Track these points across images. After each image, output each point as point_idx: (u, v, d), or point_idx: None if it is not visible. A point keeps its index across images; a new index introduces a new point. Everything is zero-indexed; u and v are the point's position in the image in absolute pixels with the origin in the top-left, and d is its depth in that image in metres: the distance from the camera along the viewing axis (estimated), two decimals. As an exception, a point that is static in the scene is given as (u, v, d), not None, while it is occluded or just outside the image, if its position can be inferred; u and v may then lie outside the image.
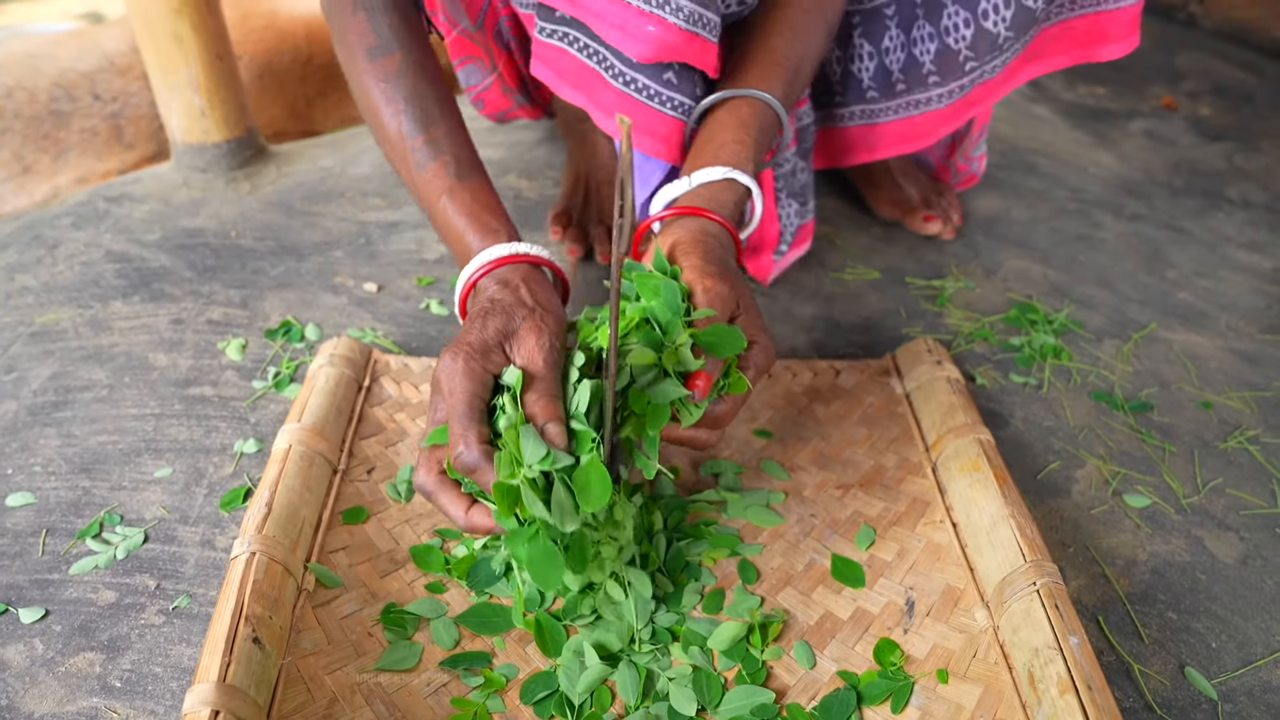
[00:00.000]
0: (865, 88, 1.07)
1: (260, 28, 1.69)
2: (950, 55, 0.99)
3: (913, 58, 1.01)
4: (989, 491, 0.77)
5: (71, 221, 1.25)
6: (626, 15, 0.79)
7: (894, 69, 1.03)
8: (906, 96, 1.04)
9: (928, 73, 1.01)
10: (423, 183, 0.80)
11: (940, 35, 0.98)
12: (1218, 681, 0.72)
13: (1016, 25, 0.94)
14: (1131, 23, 0.95)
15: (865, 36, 1.04)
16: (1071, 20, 0.98)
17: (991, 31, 0.95)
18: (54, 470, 0.86)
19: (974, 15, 0.95)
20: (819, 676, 0.69)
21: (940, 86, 1.01)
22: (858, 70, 1.06)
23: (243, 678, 0.61)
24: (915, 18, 0.99)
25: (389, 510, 0.81)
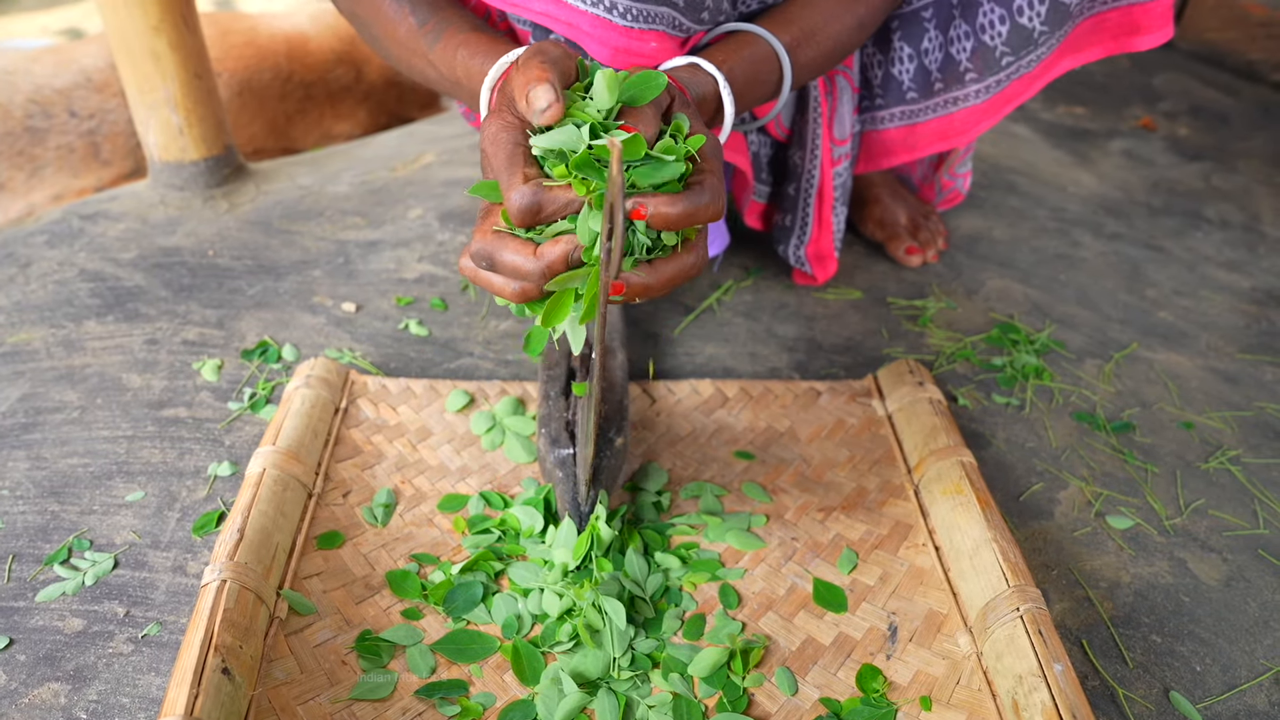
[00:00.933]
0: (905, 89, 1.08)
1: (240, 45, 1.68)
2: (987, 52, 1.00)
3: (950, 57, 1.03)
4: (971, 515, 0.77)
5: (45, 239, 1.23)
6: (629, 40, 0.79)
7: (932, 69, 1.05)
8: (945, 95, 1.06)
9: (964, 70, 1.03)
10: (440, 56, 0.78)
11: (976, 33, 0.99)
12: (1202, 706, 0.71)
13: (1051, 20, 0.95)
14: (1164, 14, 0.97)
15: (905, 39, 1.05)
16: (1105, 13, 0.99)
17: (1027, 27, 0.96)
18: (21, 494, 0.85)
19: (1009, 11, 0.96)
20: (801, 704, 0.68)
21: (978, 83, 1.03)
22: (898, 73, 1.08)
23: (211, 710, 0.59)
24: (952, 17, 1.01)
25: (365, 535, 0.80)
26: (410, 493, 0.85)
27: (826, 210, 1.12)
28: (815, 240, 1.14)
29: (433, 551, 0.79)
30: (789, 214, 1.14)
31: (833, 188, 1.10)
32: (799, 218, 1.13)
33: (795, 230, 1.14)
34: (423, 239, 1.26)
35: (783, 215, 1.15)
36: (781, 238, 1.16)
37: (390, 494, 0.84)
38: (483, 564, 0.77)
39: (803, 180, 1.10)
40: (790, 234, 1.15)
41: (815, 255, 1.15)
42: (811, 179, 1.10)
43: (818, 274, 1.16)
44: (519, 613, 0.73)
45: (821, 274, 1.16)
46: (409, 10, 0.80)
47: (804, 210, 1.12)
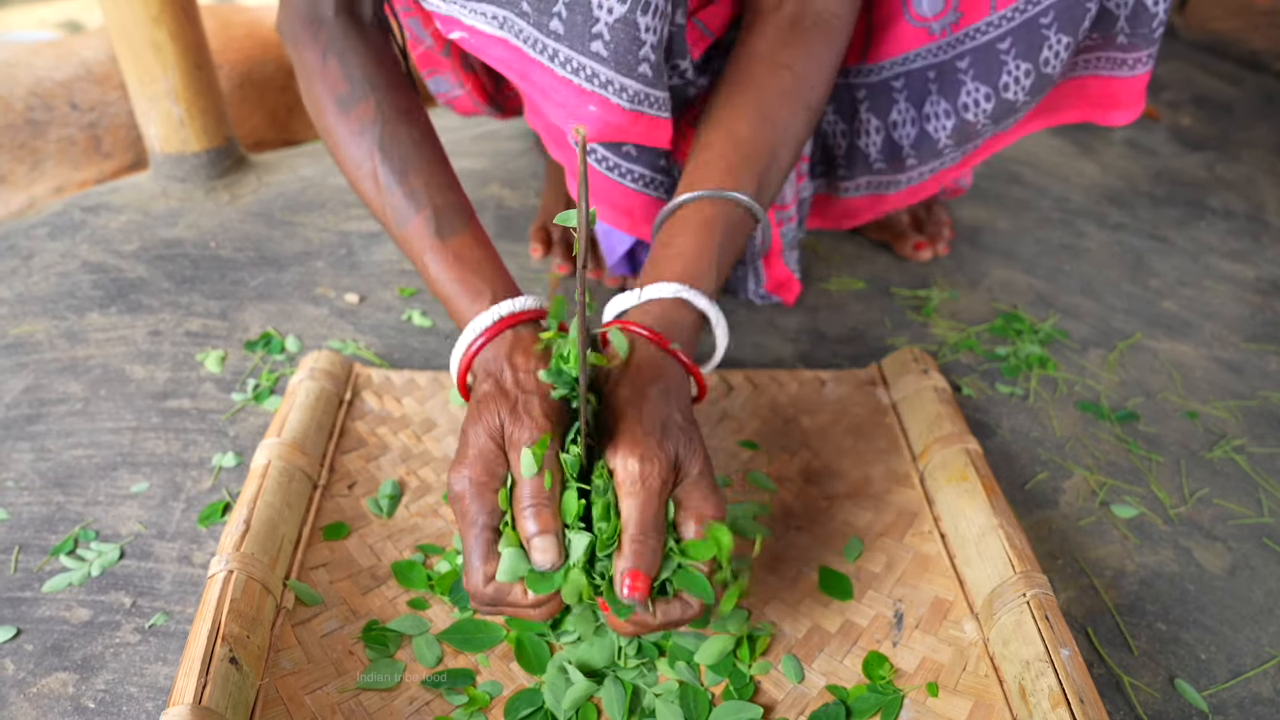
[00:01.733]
0: (872, 161, 1.03)
1: (241, 36, 1.67)
2: (968, 127, 0.96)
3: (925, 133, 0.97)
4: (977, 502, 0.77)
5: (47, 232, 1.23)
6: (569, 94, 0.76)
7: (904, 144, 0.99)
8: (919, 168, 1.01)
9: (943, 146, 0.98)
10: (405, 241, 0.74)
11: (958, 112, 0.95)
12: (1208, 693, 0.72)
13: (1034, 91, 0.92)
14: (1138, 92, 0.95)
15: (872, 111, 1.00)
16: (1085, 78, 0.96)
17: (1011, 100, 0.93)
18: (27, 485, 0.85)
19: (995, 89, 0.92)
20: (807, 691, 0.68)
21: (954, 151, 0.99)
22: (864, 145, 1.02)
23: (219, 699, 0.59)
24: (928, 93, 0.95)
25: (370, 526, 0.80)
26: (415, 484, 0.85)
27: (775, 258, 1.09)
28: (770, 276, 1.11)
29: (438, 542, 0.79)
30: (739, 266, 1.11)
31: (779, 243, 1.07)
32: (749, 269, 1.10)
33: (749, 278, 1.11)
34: (425, 230, 1.26)
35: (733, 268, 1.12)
36: (737, 287, 1.14)
37: (395, 485, 0.84)
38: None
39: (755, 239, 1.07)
40: (745, 282, 1.12)
41: (775, 285, 1.12)
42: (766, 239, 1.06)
43: (786, 299, 1.13)
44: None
45: (790, 297, 1.13)
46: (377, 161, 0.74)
47: (753, 263, 1.09)
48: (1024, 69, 0.90)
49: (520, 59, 0.76)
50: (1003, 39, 0.89)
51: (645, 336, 0.68)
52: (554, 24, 0.73)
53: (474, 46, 0.78)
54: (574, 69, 0.75)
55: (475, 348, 0.68)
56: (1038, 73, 0.90)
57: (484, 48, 0.78)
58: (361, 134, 0.74)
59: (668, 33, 0.81)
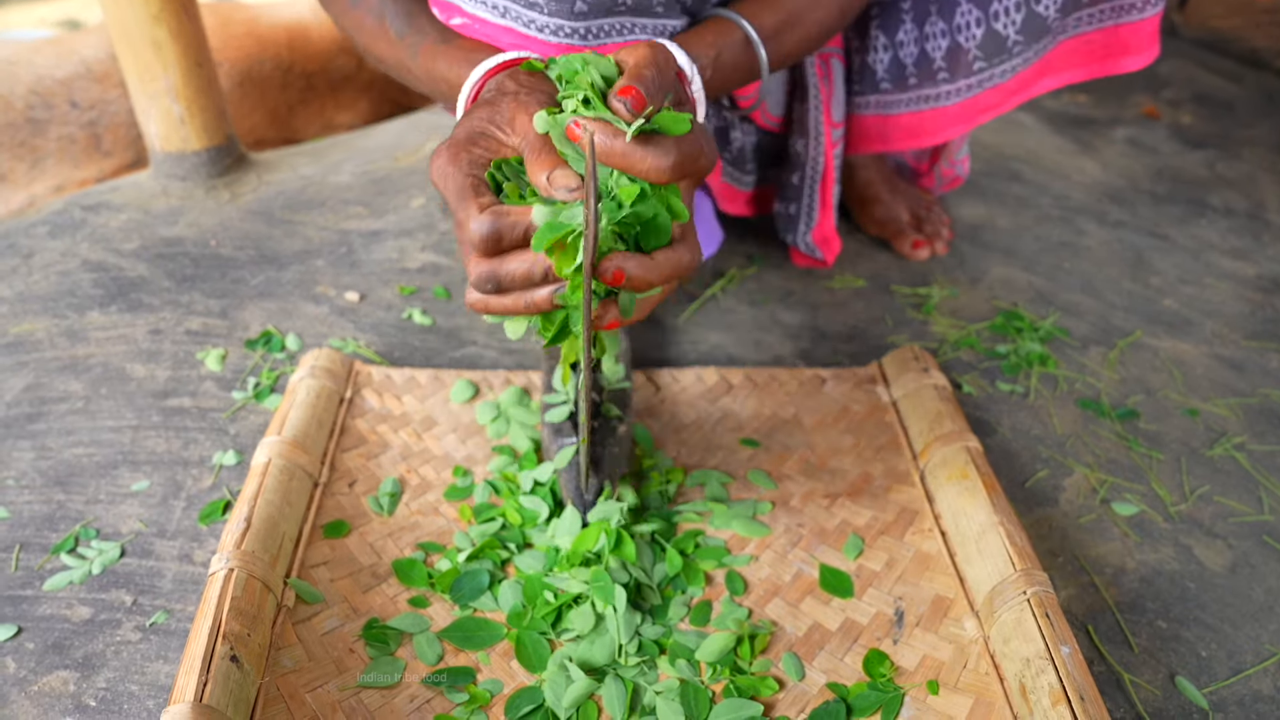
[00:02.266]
0: (879, 79, 1.09)
1: (241, 34, 1.67)
2: (960, 53, 1.01)
3: (924, 52, 1.03)
4: (977, 499, 0.77)
5: (48, 230, 1.23)
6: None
7: (907, 62, 1.05)
8: (917, 90, 1.06)
9: (938, 69, 1.03)
10: (421, 69, 0.77)
11: (952, 33, 1.00)
12: (1208, 691, 0.72)
13: (1027, 30, 0.96)
14: (1151, 34, 0.97)
15: (881, 29, 1.06)
16: (1089, 34, 0.99)
17: (1001, 34, 0.97)
18: (28, 484, 0.85)
19: (985, 14, 0.97)
20: (808, 688, 0.68)
21: (949, 84, 1.03)
22: (873, 61, 1.08)
23: (220, 697, 0.59)
24: (929, 13, 1.01)
25: (371, 524, 0.80)
26: (416, 482, 0.85)
27: (829, 194, 1.12)
28: (820, 224, 1.14)
29: (439, 540, 0.79)
30: (793, 203, 1.14)
31: (834, 170, 1.11)
32: (804, 205, 1.13)
33: (801, 218, 1.14)
34: (425, 228, 1.26)
35: (786, 204, 1.15)
36: (787, 227, 1.16)
37: (396, 483, 0.84)
38: (489, 552, 0.77)
39: (807, 168, 1.10)
40: (797, 222, 1.15)
41: (822, 239, 1.15)
42: (817, 166, 1.10)
43: (826, 256, 1.17)
44: (524, 600, 0.73)
45: (830, 255, 1.17)
46: (387, 23, 0.79)
47: (809, 197, 1.12)
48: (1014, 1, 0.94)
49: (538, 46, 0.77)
50: None
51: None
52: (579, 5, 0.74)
53: (481, 34, 0.78)
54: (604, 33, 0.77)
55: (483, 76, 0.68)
56: (1028, 8, 0.94)
57: (493, 36, 0.78)
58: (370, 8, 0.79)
59: None
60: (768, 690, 0.68)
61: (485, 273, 0.58)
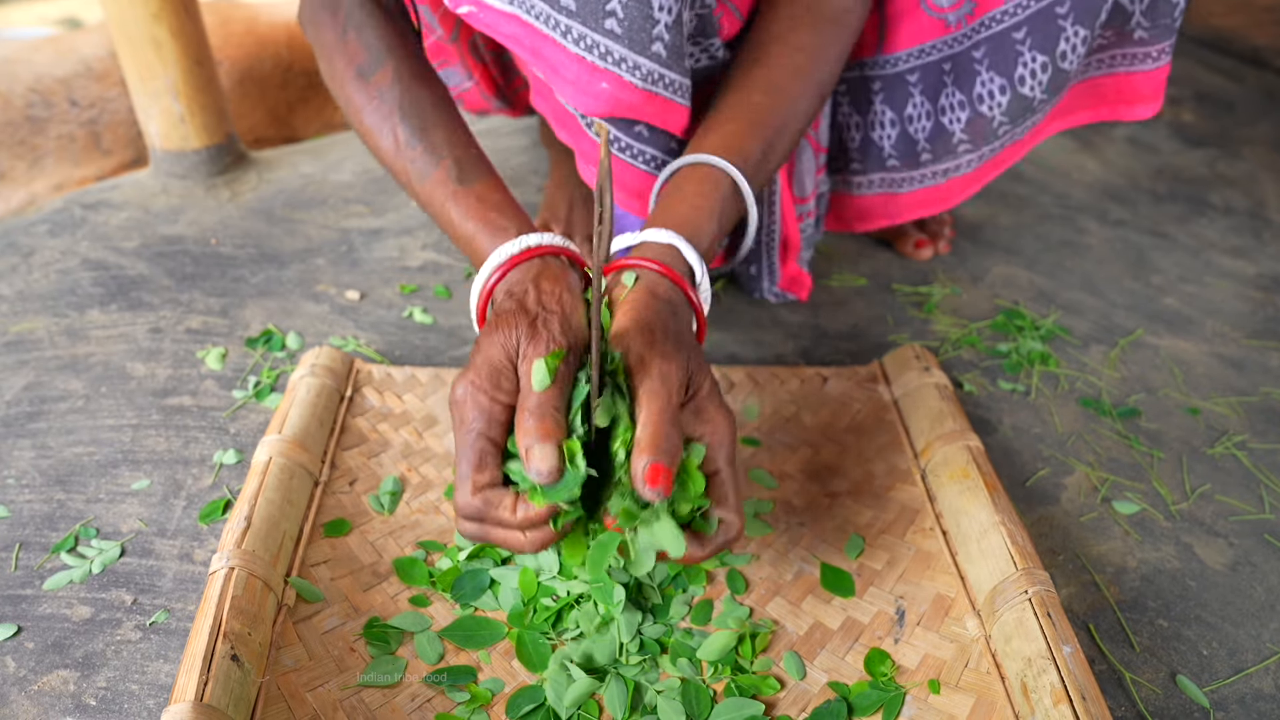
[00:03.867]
0: (886, 156, 1.03)
1: (240, 33, 1.67)
2: (983, 122, 0.95)
3: (941, 126, 0.97)
4: (979, 499, 0.77)
5: (48, 229, 1.23)
6: (580, 71, 0.76)
7: (919, 138, 0.99)
8: (932, 166, 1.01)
9: (958, 142, 0.98)
10: (426, 193, 0.76)
11: (973, 104, 0.94)
12: (1209, 689, 0.71)
13: (1051, 87, 0.92)
14: (1158, 86, 0.94)
15: (887, 103, 1.00)
16: (1099, 78, 0.96)
17: (1027, 96, 0.92)
18: (28, 483, 0.85)
19: (1010, 81, 0.92)
20: (809, 687, 0.68)
21: (971, 153, 0.98)
22: (879, 139, 1.02)
23: (221, 696, 0.59)
24: (943, 85, 0.96)
25: (371, 522, 0.80)
26: (416, 480, 0.84)
27: (792, 255, 1.09)
28: (784, 273, 1.11)
29: (439, 539, 0.79)
30: (752, 264, 1.11)
31: (798, 239, 1.07)
32: (764, 266, 1.10)
33: (763, 276, 1.11)
34: (426, 227, 1.26)
35: (745, 265, 1.12)
36: (752, 285, 1.13)
37: (397, 482, 0.84)
38: (489, 551, 0.77)
39: (762, 235, 1.07)
40: (760, 280, 1.12)
41: (789, 282, 1.12)
42: (773, 234, 1.06)
43: (800, 295, 1.13)
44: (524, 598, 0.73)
45: (803, 293, 1.13)
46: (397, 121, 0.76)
47: (769, 259, 1.09)
48: (1040, 61, 0.90)
49: (531, 35, 0.76)
50: (1018, 28, 0.89)
51: (652, 268, 0.69)
52: (566, 0, 0.73)
53: (483, 22, 0.78)
54: (587, 46, 0.75)
55: (499, 275, 0.68)
56: (1054, 67, 0.90)
57: (494, 24, 0.77)
58: (381, 98, 0.77)
59: (694, 15, 0.83)
60: (769, 689, 0.67)
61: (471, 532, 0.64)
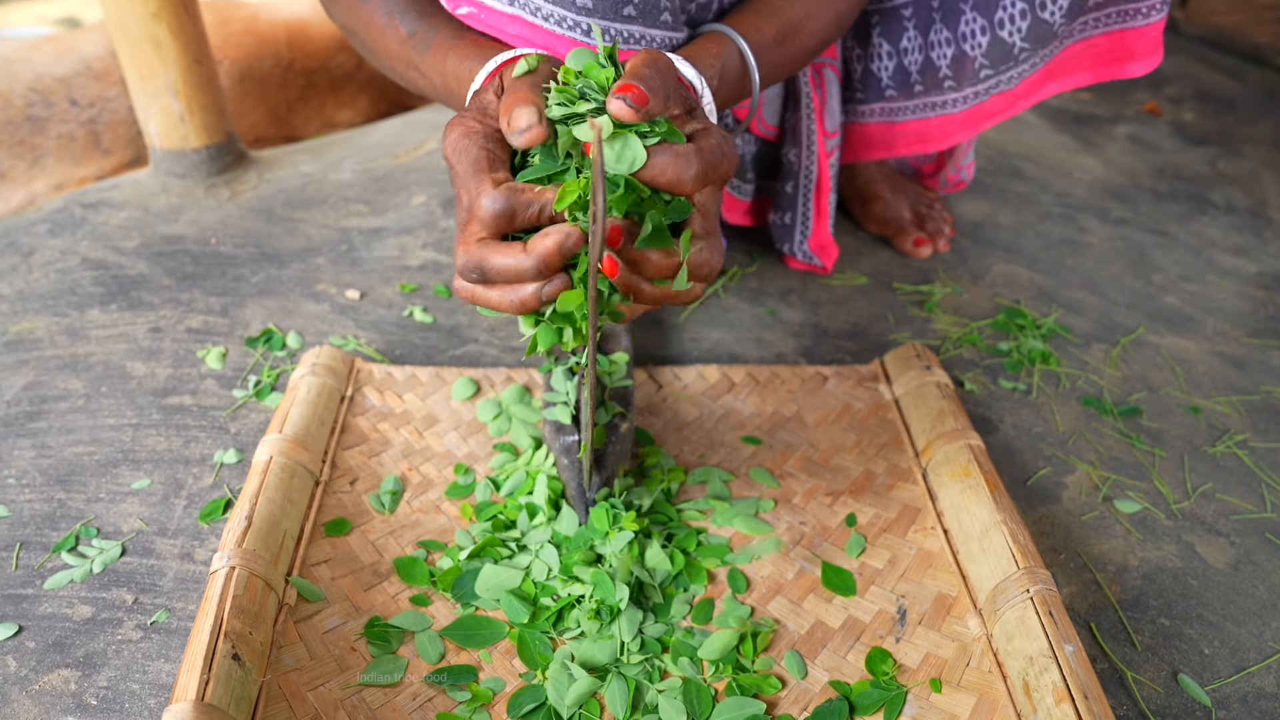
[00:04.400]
0: (884, 86, 1.08)
1: (240, 32, 1.67)
2: (966, 61, 1.00)
3: (929, 60, 1.02)
4: (980, 497, 0.77)
5: (47, 228, 1.23)
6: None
7: (912, 70, 1.04)
8: (923, 98, 1.06)
9: (944, 77, 1.02)
10: (429, 65, 0.75)
11: (957, 41, 0.99)
12: (1211, 688, 0.71)
13: (1033, 37, 0.94)
14: (1155, 40, 0.96)
15: (884, 36, 1.05)
16: (1094, 37, 0.98)
17: (1007, 41, 0.96)
18: (28, 482, 0.84)
19: (990, 23, 0.96)
20: (810, 686, 0.68)
21: (955, 91, 1.03)
22: (877, 69, 1.07)
23: (222, 696, 0.59)
24: (932, 21, 1.00)
25: (372, 522, 0.80)
26: (417, 480, 0.84)
27: (824, 202, 1.12)
28: (816, 233, 1.13)
29: (440, 538, 0.79)
30: (787, 212, 1.13)
31: (829, 180, 1.10)
32: (799, 214, 1.12)
33: (796, 227, 1.14)
34: (426, 226, 1.26)
35: (780, 214, 1.14)
36: (783, 236, 1.15)
37: (397, 481, 0.84)
38: (490, 549, 0.77)
39: (800, 177, 1.10)
40: (792, 231, 1.14)
41: (818, 246, 1.15)
42: (810, 175, 1.09)
43: (825, 263, 1.16)
44: (525, 596, 0.73)
45: (829, 261, 1.16)
46: (398, 20, 0.78)
47: (804, 207, 1.12)
48: (1019, 8, 0.93)
49: (543, 35, 0.76)
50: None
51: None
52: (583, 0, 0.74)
53: (485, 24, 0.77)
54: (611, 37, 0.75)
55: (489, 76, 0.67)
56: (1034, 15, 0.92)
57: (498, 25, 0.77)
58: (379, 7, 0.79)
59: None
60: (770, 688, 0.67)
61: (472, 260, 0.56)
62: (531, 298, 0.57)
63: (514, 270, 0.56)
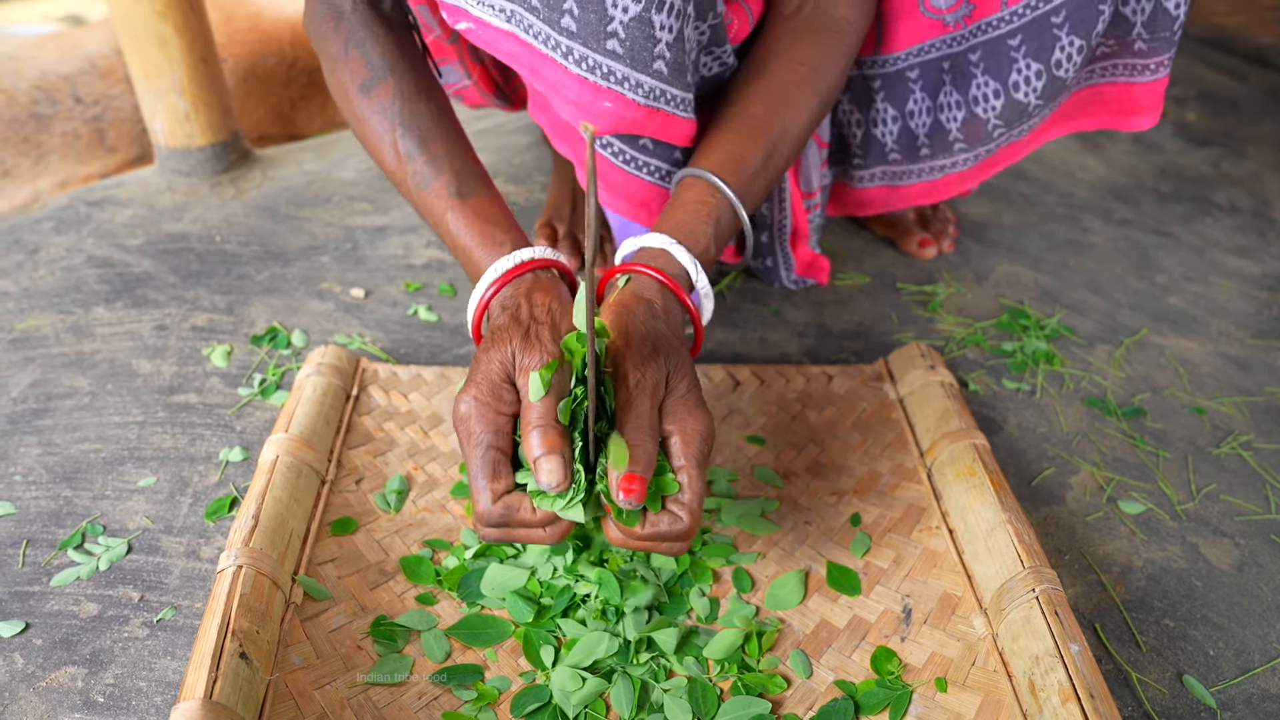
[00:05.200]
0: (888, 150, 1.04)
1: (244, 30, 1.67)
2: (978, 124, 0.97)
3: (939, 124, 0.99)
4: (985, 497, 0.77)
5: (53, 226, 1.23)
6: (583, 91, 0.76)
7: (919, 133, 1.01)
8: (930, 161, 1.03)
9: (954, 140, 0.99)
10: (426, 204, 0.77)
11: (969, 104, 0.96)
12: (1216, 690, 0.72)
13: (1047, 94, 0.92)
14: (1157, 98, 0.95)
15: (888, 100, 1.01)
16: (1103, 85, 0.97)
17: (1022, 102, 0.93)
18: (34, 480, 0.85)
19: (1004, 86, 0.93)
20: (816, 686, 0.68)
21: (967, 152, 1.00)
22: (880, 134, 1.04)
23: (229, 694, 0.59)
24: (941, 84, 0.97)
25: (378, 521, 0.80)
26: (422, 479, 0.84)
27: (802, 243, 1.11)
28: (800, 263, 1.13)
29: (445, 537, 0.79)
30: (766, 258, 1.13)
31: (807, 229, 1.09)
32: (779, 258, 1.12)
33: (779, 267, 1.13)
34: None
35: (760, 259, 1.14)
36: (768, 276, 1.15)
37: (403, 480, 0.84)
38: (495, 549, 0.77)
39: (774, 229, 1.09)
40: (776, 271, 1.13)
41: (806, 268, 1.14)
42: (784, 227, 1.08)
43: (820, 279, 1.15)
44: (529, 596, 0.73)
45: (822, 277, 1.15)
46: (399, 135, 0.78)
47: (782, 251, 1.11)
48: (1034, 69, 0.91)
49: (531, 54, 0.75)
50: (1013, 35, 0.89)
51: (643, 271, 0.71)
52: (565, 21, 0.73)
53: (482, 39, 0.78)
54: (589, 66, 0.74)
55: (493, 290, 0.70)
56: (1049, 74, 0.90)
57: (494, 41, 0.77)
58: (383, 112, 0.79)
59: (706, 28, 0.82)
60: (776, 688, 0.68)
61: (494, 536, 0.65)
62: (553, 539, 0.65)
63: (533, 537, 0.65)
